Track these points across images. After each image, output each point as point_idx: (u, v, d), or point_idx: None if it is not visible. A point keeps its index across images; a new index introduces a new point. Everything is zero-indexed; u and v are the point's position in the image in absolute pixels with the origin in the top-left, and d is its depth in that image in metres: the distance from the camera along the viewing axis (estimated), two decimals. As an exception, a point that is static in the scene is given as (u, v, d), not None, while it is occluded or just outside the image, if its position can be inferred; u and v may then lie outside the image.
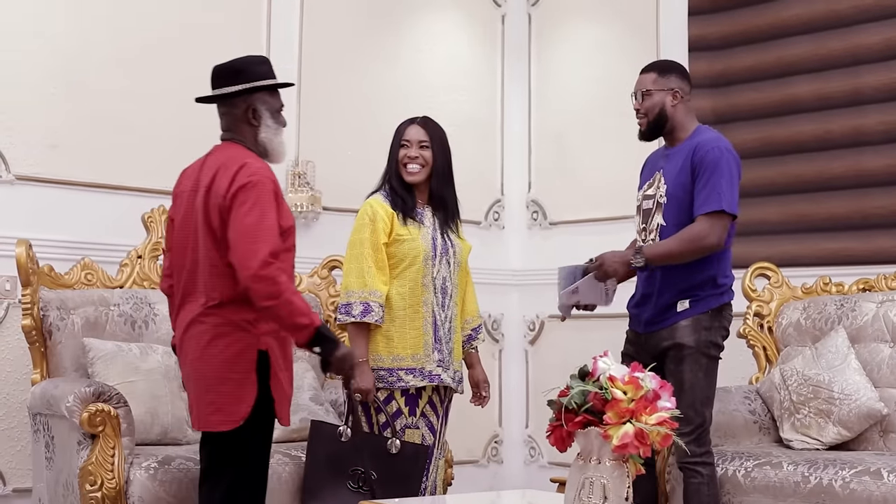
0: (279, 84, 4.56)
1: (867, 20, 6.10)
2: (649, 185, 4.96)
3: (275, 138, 4.47)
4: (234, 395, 4.22)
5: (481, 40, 7.48)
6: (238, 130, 4.47)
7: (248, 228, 4.18)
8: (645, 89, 4.96)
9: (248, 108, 4.45)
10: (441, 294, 4.96)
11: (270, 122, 4.47)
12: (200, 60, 6.13)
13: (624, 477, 3.47)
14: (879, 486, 4.52)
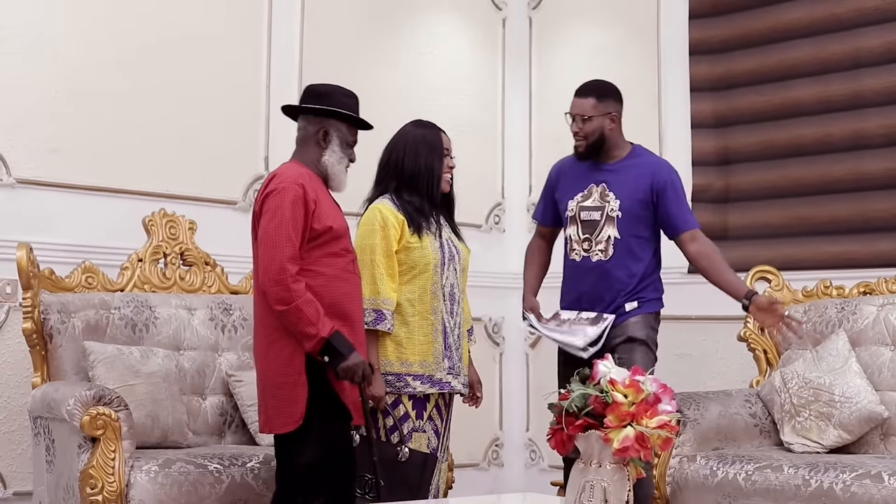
0: (357, 119, 4.75)
1: (868, 23, 6.10)
2: (585, 197, 5.34)
3: (337, 165, 4.68)
4: (289, 396, 4.40)
5: (482, 43, 7.49)
6: (306, 148, 4.71)
7: (268, 235, 4.42)
8: (586, 115, 5.33)
9: (321, 129, 4.68)
10: (450, 301, 4.97)
11: (338, 148, 4.69)
12: (201, 64, 6.19)
13: (624, 480, 3.47)
14: (880, 489, 4.52)
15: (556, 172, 5.54)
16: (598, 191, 5.30)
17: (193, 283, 5.71)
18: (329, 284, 4.49)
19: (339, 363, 4.38)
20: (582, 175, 5.38)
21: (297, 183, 4.46)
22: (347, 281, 4.57)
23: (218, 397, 5.46)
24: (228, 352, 5.57)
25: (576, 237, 5.32)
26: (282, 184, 4.46)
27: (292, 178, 4.48)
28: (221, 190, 6.23)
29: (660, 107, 6.88)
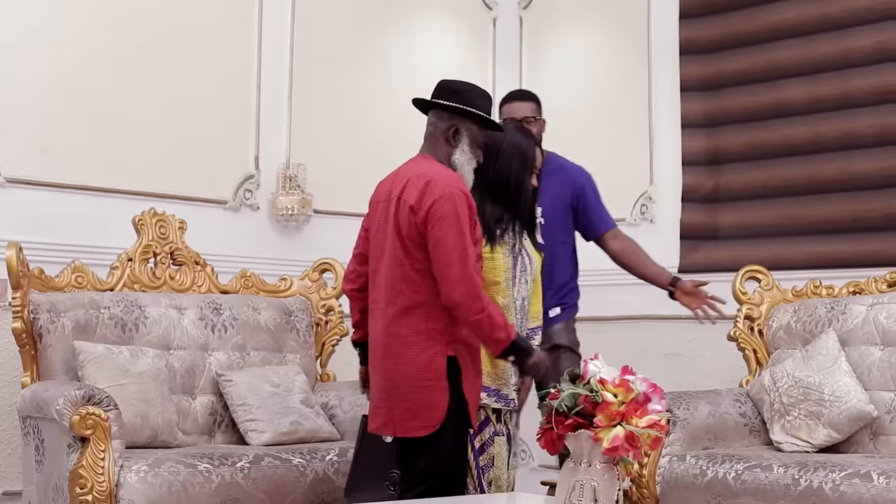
0: (488, 120, 4.63)
1: (858, 24, 6.12)
2: None
3: (467, 165, 4.60)
4: (427, 401, 4.38)
5: (473, 43, 7.49)
6: (435, 144, 4.63)
7: (450, 246, 4.34)
8: (533, 117, 5.45)
9: (452, 126, 4.59)
10: (521, 314, 4.85)
11: (467, 148, 4.59)
12: (192, 64, 6.19)
13: (614, 480, 3.47)
14: (869, 488, 4.52)
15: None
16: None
17: (183, 282, 5.70)
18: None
19: (526, 360, 4.51)
20: None
21: (461, 189, 4.41)
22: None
23: (208, 397, 5.45)
24: (218, 351, 5.56)
25: None
26: (449, 189, 4.38)
27: (457, 185, 4.42)
28: (212, 189, 6.24)
29: (650, 106, 6.90)
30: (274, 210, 6.44)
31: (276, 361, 5.71)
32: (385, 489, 4.65)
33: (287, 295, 6.00)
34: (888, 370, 5.28)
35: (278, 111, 6.51)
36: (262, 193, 6.44)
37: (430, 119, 4.66)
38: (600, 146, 7.05)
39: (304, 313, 5.92)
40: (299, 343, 5.85)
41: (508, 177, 4.81)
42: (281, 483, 4.90)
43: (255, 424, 5.29)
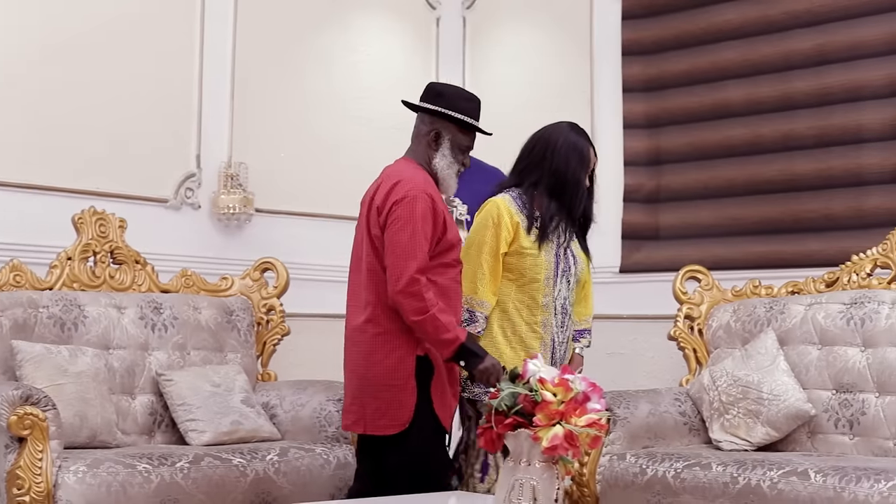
0: (468, 124, 4.62)
1: (799, 26, 6.19)
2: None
3: (447, 169, 4.60)
4: (396, 399, 4.41)
5: (416, 42, 7.48)
6: (418, 147, 4.65)
7: (398, 245, 4.38)
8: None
9: (433, 130, 4.60)
10: (562, 314, 4.84)
11: (448, 152, 4.59)
12: (133, 61, 6.14)
13: (553, 478, 3.48)
14: (806, 486, 4.56)
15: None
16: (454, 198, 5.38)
17: (123, 281, 5.66)
18: (442, 294, 4.47)
19: (476, 365, 4.41)
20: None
21: (426, 192, 4.43)
22: (455, 291, 4.57)
23: (147, 397, 5.41)
24: (158, 351, 5.52)
25: None
26: (412, 192, 4.42)
27: (421, 187, 4.44)
28: (153, 188, 6.19)
29: (592, 107, 6.92)
30: (215, 209, 6.40)
31: (216, 361, 5.68)
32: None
33: (228, 294, 5.97)
34: (825, 369, 5.33)
35: (220, 109, 6.48)
36: (204, 192, 6.40)
37: (416, 121, 4.68)
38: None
39: (245, 313, 5.89)
40: (240, 342, 5.82)
41: (565, 175, 4.84)
42: (221, 483, 4.87)
43: (196, 424, 5.26)
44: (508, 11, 7.43)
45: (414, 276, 4.34)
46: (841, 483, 4.48)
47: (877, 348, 5.23)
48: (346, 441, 5.39)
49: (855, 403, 5.23)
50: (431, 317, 4.34)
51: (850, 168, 6.01)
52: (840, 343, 5.34)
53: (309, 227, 6.72)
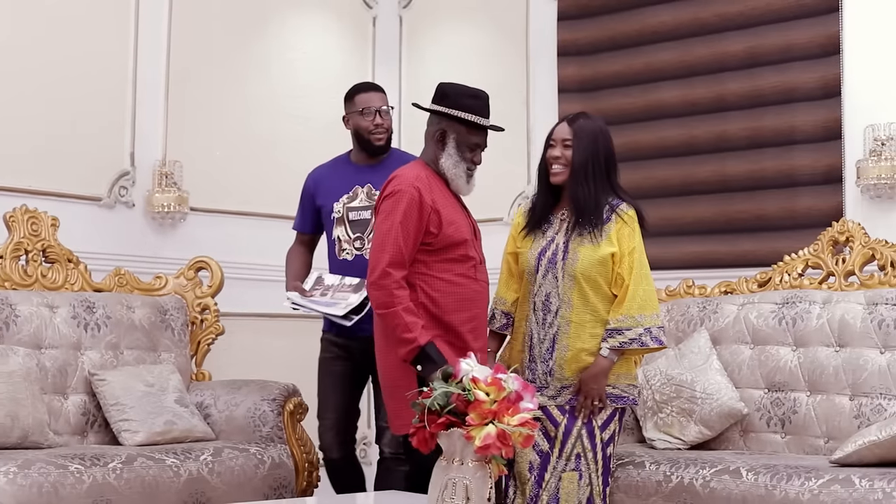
0: (472, 123, 4.58)
1: (731, 28, 6.24)
2: (351, 199, 5.36)
3: (454, 168, 4.58)
4: (405, 400, 4.25)
5: (353, 41, 7.47)
6: (427, 148, 4.66)
7: (376, 238, 4.42)
8: (388, 108, 5.41)
9: (438, 130, 4.59)
10: (543, 311, 4.69)
11: (453, 151, 4.58)
12: (66, 58, 6.09)
13: (486, 477, 3.49)
14: (738, 484, 4.61)
15: (313, 181, 5.52)
16: (365, 191, 5.33)
17: (56, 280, 5.61)
18: (447, 290, 4.46)
19: (431, 372, 4.20)
20: (343, 178, 5.41)
21: (414, 186, 4.42)
22: (467, 286, 4.53)
23: (80, 396, 5.37)
24: (91, 350, 5.48)
25: (345, 237, 5.32)
26: (399, 186, 4.43)
27: (410, 181, 4.44)
28: (86, 186, 6.14)
29: (528, 107, 6.95)
30: (149, 207, 6.36)
31: (150, 360, 5.65)
32: None
33: (162, 293, 5.94)
34: (758, 368, 5.39)
35: (154, 107, 6.43)
36: (138, 190, 6.36)
37: (427, 122, 4.68)
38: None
39: (179, 312, 5.86)
40: (174, 342, 5.79)
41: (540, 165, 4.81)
42: (154, 483, 4.85)
43: (129, 424, 5.23)
44: (445, 11, 7.44)
45: (385, 270, 4.35)
46: (772, 481, 4.54)
47: (808, 348, 5.28)
48: (281, 441, 5.39)
49: (786, 402, 5.28)
50: (394, 313, 4.34)
51: (782, 169, 6.08)
52: (772, 342, 5.39)
53: (244, 225, 6.70)
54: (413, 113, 5.22)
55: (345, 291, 5.21)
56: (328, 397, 5.40)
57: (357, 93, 5.42)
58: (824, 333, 5.25)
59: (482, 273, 4.64)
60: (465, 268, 4.53)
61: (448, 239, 4.48)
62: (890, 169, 5.67)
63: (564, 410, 4.66)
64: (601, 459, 4.63)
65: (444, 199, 4.55)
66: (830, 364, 5.20)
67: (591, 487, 4.62)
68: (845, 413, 5.12)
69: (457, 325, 4.49)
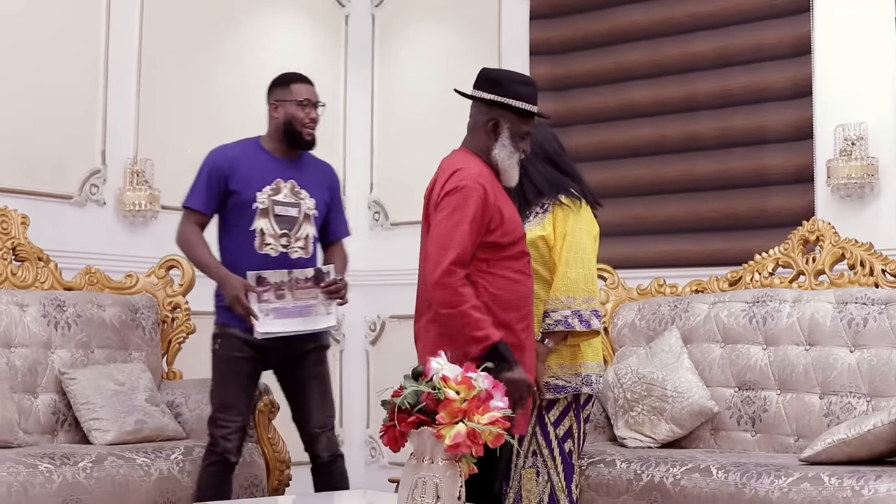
0: (525, 111, 4.40)
1: (702, 28, 6.26)
2: (275, 191, 5.12)
3: (508, 160, 4.39)
4: None
5: (325, 40, 7.46)
6: (476, 137, 4.44)
7: (440, 235, 4.23)
8: (320, 101, 5.25)
9: (490, 119, 4.39)
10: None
11: (507, 142, 4.38)
12: (37, 55, 6.06)
13: (457, 476, 3.49)
14: (709, 482, 4.63)
15: (227, 162, 5.16)
16: (288, 186, 5.15)
17: (26, 278, 5.59)
18: (508, 288, 4.30)
19: (503, 371, 4.09)
20: (264, 168, 5.16)
21: (479, 183, 4.24)
22: (524, 283, 4.37)
23: (50, 395, 5.35)
24: (61, 349, 5.46)
25: (270, 231, 5.08)
26: (465, 182, 4.24)
27: (475, 177, 4.26)
28: (56, 184, 6.12)
29: (500, 106, 6.95)
30: (121, 205, 6.34)
31: (120, 359, 5.63)
32: None
33: (133, 292, 5.92)
34: (728, 367, 5.41)
35: (126, 105, 6.41)
36: (109, 189, 6.33)
37: (471, 111, 4.50)
38: (451, 144, 7.05)
39: (150, 311, 5.85)
40: (145, 341, 5.78)
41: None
42: (124, 482, 4.84)
43: (99, 423, 5.21)
44: (417, 10, 7.44)
45: (449, 268, 4.17)
46: (742, 479, 4.56)
47: (778, 346, 5.31)
48: (252, 440, 5.38)
49: (757, 401, 5.30)
50: (461, 312, 4.15)
51: (752, 169, 6.10)
52: (742, 341, 5.42)
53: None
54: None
55: (304, 287, 5.03)
56: (236, 399, 5.06)
57: (294, 82, 5.23)
58: (794, 332, 5.28)
59: (530, 268, 4.46)
60: (522, 264, 4.38)
61: (509, 236, 4.32)
62: (860, 169, 5.70)
63: None
64: (559, 455, 4.64)
65: (502, 195, 4.39)
66: (800, 363, 5.23)
67: (552, 484, 4.63)
68: (815, 411, 5.15)
69: (513, 323, 4.32)
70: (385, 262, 7.29)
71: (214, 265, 5.06)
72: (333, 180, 5.36)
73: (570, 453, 4.66)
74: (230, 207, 5.13)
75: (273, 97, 5.22)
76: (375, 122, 7.52)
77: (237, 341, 5.05)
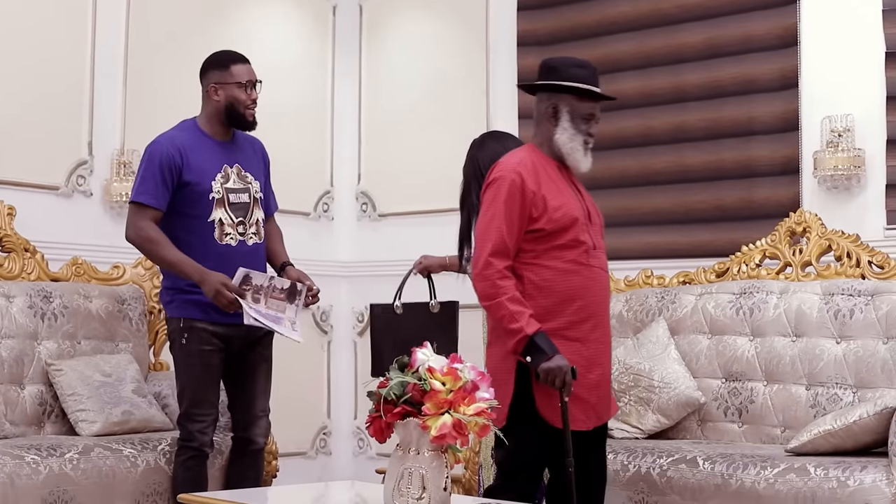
0: (586, 91, 4.36)
1: (690, 19, 6.26)
2: (225, 179, 5.02)
3: (569, 143, 4.35)
4: (499, 395, 4.08)
5: (312, 31, 7.45)
6: (540, 128, 4.44)
7: (479, 229, 4.26)
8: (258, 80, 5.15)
9: (550, 105, 4.37)
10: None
11: (568, 125, 4.35)
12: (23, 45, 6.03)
13: (442, 467, 3.49)
14: (695, 473, 4.64)
15: (179, 153, 4.97)
16: (234, 171, 5.06)
17: (12, 269, 5.58)
18: (556, 279, 4.23)
19: (540, 363, 4.09)
20: (213, 155, 5.05)
21: (515, 171, 4.22)
22: (579, 273, 4.28)
23: (37, 387, 5.34)
24: (48, 340, 5.45)
25: (228, 221, 4.98)
26: (500, 172, 4.25)
27: (512, 167, 4.24)
28: (43, 175, 6.09)
29: (488, 97, 6.96)
30: (107, 196, 6.32)
31: (107, 350, 5.62)
32: None
33: (120, 283, 5.91)
34: (715, 358, 5.42)
35: (113, 96, 6.39)
36: (96, 179, 6.31)
37: (535, 104, 4.48)
38: (438, 135, 7.08)
39: (137, 302, 5.84)
40: (132, 332, 5.77)
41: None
42: (111, 474, 4.84)
43: (86, 414, 5.21)
44: (405, 1, 7.43)
45: (487, 260, 4.17)
46: (728, 470, 4.57)
47: (765, 337, 5.32)
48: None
49: (744, 392, 5.31)
50: (499, 304, 4.14)
51: (740, 160, 6.10)
52: (729, 332, 5.43)
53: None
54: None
55: (277, 298, 4.96)
56: (209, 393, 4.97)
57: (234, 62, 5.12)
58: (781, 323, 5.29)
59: (597, 259, 4.37)
60: (576, 253, 4.28)
61: (555, 224, 4.25)
62: (846, 160, 5.70)
63: None
64: None
65: (553, 183, 4.32)
66: (787, 354, 5.24)
67: None
68: (801, 402, 5.16)
69: (568, 315, 4.25)
70: (373, 254, 7.29)
71: (188, 262, 4.86)
72: (266, 157, 5.27)
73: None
74: (184, 199, 4.96)
75: (211, 79, 5.10)
76: (363, 113, 7.51)
77: (205, 334, 4.93)
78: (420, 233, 6.81)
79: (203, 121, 5.10)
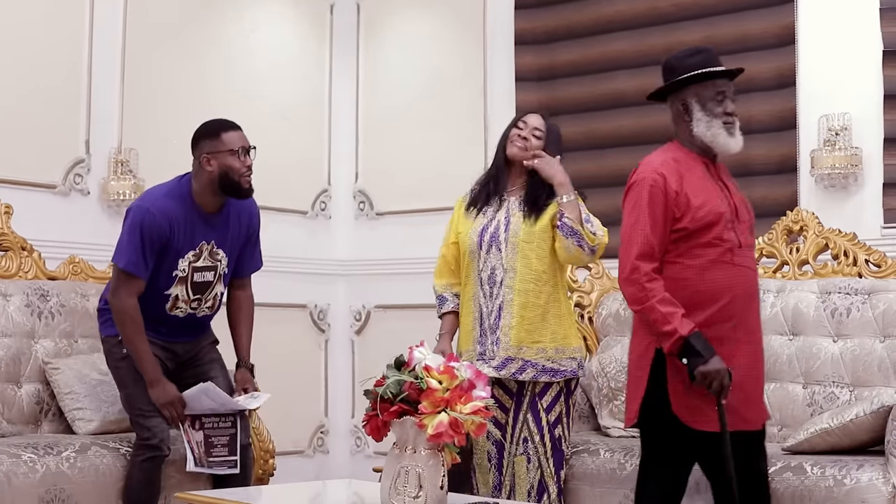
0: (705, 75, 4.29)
1: (687, 17, 6.26)
2: (197, 257, 4.96)
3: (708, 131, 4.27)
4: (632, 392, 4.18)
5: (310, 29, 7.45)
6: (679, 128, 4.38)
7: (624, 232, 4.22)
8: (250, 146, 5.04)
9: (679, 103, 4.33)
10: (489, 285, 4.77)
11: (700, 114, 4.28)
12: (20, 43, 6.03)
13: (439, 465, 3.50)
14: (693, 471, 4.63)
15: (168, 224, 4.88)
16: (208, 249, 4.99)
17: (9, 268, 5.57)
18: (699, 277, 4.16)
19: (697, 366, 4.01)
20: (194, 231, 4.97)
21: (657, 172, 4.17)
22: (723, 271, 4.19)
23: (34, 385, 5.34)
24: (45, 339, 5.45)
25: (184, 297, 4.98)
26: (641, 174, 4.21)
27: (653, 167, 4.19)
28: (40, 173, 6.09)
29: (485, 96, 6.96)
30: (105, 195, 6.32)
31: (104, 349, 5.62)
32: None
33: (117, 281, 5.90)
34: (712, 357, 5.41)
35: (110, 94, 6.39)
36: (93, 178, 6.31)
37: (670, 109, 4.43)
38: (436, 134, 7.09)
39: (134, 300, 5.83)
40: (129, 330, 5.76)
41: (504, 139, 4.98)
42: (108, 472, 4.85)
43: (83, 413, 5.21)
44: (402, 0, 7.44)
45: (634, 264, 4.13)
46: (725, 468, 4.56)
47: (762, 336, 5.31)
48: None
49: (740, 390, 5.31)
50: (650, 307, 4.07)
51: (737, 158, 6.01)
52: (726, 331, 5.42)
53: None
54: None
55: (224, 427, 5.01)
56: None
57: (224, 130, 4.97)
58: (778, 322, 5.29)
59: (742, 257, 4.26)
60: (719, 252, 4.20)
61: (698, 222, 4.18)
62: (843, 159, 5.71)
63: (512, 394, 4.76)
64: (549, 441, 4.69)
65: (698, 181, 4.26)
66: (784, 352, 5.24)
67: (542, 470, 4.67)
68: (798, 401, 5.16)
69: (713, 315, 4.16)
70: (370, 252, 7.29)
71: (153, 365, 4.86)
72: (253, 221, 5.16)
73: (560, 439, 4.70)
74: (157, 270, 4.92)
75: (203, 149, 4.96)
76: (360, 111, 7.50)
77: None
78: (417, 231, 6.82)
79: (197, 190, 4.97)
